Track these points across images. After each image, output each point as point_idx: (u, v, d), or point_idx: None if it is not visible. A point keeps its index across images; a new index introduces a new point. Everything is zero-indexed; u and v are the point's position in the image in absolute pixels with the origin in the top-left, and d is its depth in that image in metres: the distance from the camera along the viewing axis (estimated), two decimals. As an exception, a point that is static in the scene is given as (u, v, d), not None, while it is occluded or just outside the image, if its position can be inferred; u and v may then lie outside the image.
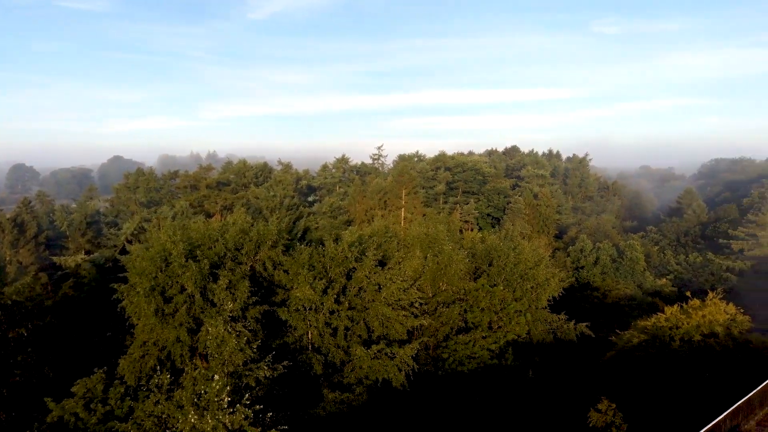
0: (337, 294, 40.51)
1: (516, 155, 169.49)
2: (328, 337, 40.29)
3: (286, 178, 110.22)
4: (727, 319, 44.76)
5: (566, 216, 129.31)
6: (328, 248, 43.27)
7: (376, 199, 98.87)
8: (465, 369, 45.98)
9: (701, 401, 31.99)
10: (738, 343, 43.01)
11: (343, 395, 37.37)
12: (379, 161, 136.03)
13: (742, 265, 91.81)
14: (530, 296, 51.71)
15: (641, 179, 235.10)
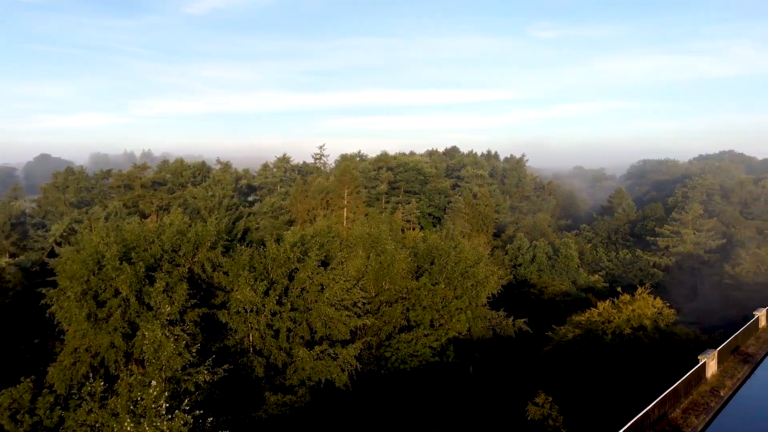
0: (279, 295, 40.06)
1: (456, 156, 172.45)
2: (269, 339, 39.79)
3: (225, 178, 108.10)
4: (655, 313, 47.07)
5: (504, 215, 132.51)
6: (269, 249, 42.70)
7: (319, 199, 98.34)
8: (407, 367, 46.43)
9: (632, 391, 33.49)
10: (664, 335, 45.33)
11: (285, 397, 37.00)
12: (321, 161, 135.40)
13: (668, 261, 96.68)
14: (470, 294, 52.74)
15: (575, 179, 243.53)
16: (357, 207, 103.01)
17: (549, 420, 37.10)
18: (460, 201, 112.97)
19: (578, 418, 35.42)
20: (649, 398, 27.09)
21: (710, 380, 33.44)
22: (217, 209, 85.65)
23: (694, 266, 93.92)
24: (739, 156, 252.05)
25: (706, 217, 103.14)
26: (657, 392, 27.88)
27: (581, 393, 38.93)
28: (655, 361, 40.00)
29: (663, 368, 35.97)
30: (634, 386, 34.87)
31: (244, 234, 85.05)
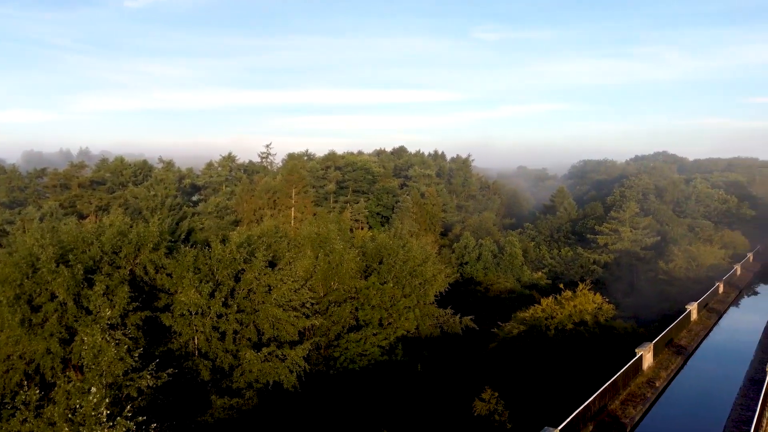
0: (225, 297, 39.29)
1: (404, 155, 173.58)
2: (215, 342, 39.00)
3: (168, 177, 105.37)
4: (595, 308, 48.78)
5: (451, 214, 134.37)
6: (214, 250, 41.83)
7: (265, 199, 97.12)
8: (356, 367, 46.43)
9: (574, 384, 34.61)
10: (604, 329, 47.04)
11: (232, 400, 36.36)
12: (268, 160, 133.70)
13: (607, 258, 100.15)
14: (419, 292, 53.24)
15: (519, 179, 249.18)
16: (305, 206, 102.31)
17: (495, 415, 37.88)
18: (408, 200, 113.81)
19: (523, 412, 36.30)
20: (590, 391, 28.07)
21: (647, 372, 34.94)
22: (160, 209, 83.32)
23: (631, 263, 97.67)
24: (672, 157, 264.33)
25: (642, 216, 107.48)
26: (598, 385, 28.93)
27: (526, 387, 39.91)
28: (595, 354, 41.45)
29: (603, 361, 37.32)
30: (577, 379, 36.04)
31: (188, 235, 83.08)
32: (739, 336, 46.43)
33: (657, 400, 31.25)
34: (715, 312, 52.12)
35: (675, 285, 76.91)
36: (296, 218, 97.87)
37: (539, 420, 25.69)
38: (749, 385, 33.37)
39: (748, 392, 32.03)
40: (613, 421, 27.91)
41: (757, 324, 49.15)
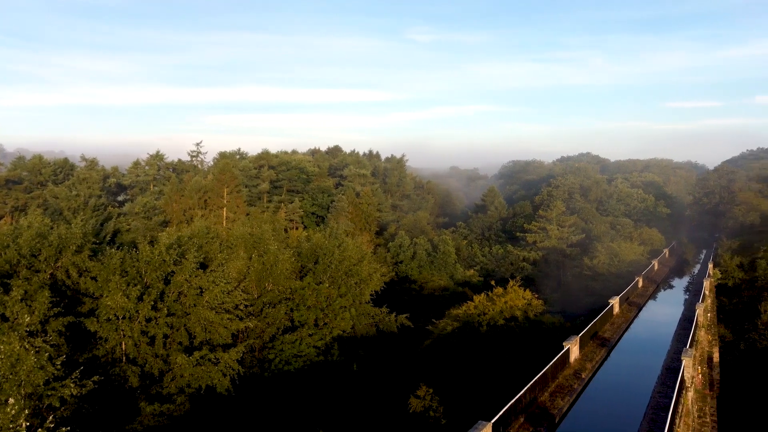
0: (154, 300, 37.95)
1: (339, 155, 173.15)
2: (144, 347, 37.61)
3: (92, 176, 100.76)
4: (525, 304, 50.41)
5: (386, 213, 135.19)
6: (142, 251, 40.32)
7: (196, 199, 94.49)
8: (292, 368, 45.98)
9: (507, 378, 35.62)
10: (534, 324, 48.71)
11: (162, 407, 35.18)
12: (198, 158, 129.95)
13: (536, 255, 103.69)
14: (354, 292, 53.32)
15: (451, 179, 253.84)
16: (237, 206, 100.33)
17: (430, 411, 38.50)
18: (344, 200, 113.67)
19: (458, 407, 37.04)
20: (521, 383, 28.96)
21: (573, 364, 36.40)
22: (83, 210, 79.56)
23: (558, 259, 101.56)
24: (595, 158, 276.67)
25: (568, 214, 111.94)
26: (528, 377, 29.88)
27: (461, 383, 40.75)
28: (526, 348, 42.84)
29: (533, 355, 38.59)
30: (509, 373, 37.12)
31: (114, 236, 79.82)
32: (657, 327, 49.09)
33: (583, 390, 32.61)
34: (635, 305, 54.91)
35: (599, 280, 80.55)
36: (228, 218, 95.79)
37: (473, 414, 26.28)
38: (666, 373, 35.40)
39: (665, 380, 33.98)
40: (543, 412, 28.92)
41: (673, 316, 52.19)
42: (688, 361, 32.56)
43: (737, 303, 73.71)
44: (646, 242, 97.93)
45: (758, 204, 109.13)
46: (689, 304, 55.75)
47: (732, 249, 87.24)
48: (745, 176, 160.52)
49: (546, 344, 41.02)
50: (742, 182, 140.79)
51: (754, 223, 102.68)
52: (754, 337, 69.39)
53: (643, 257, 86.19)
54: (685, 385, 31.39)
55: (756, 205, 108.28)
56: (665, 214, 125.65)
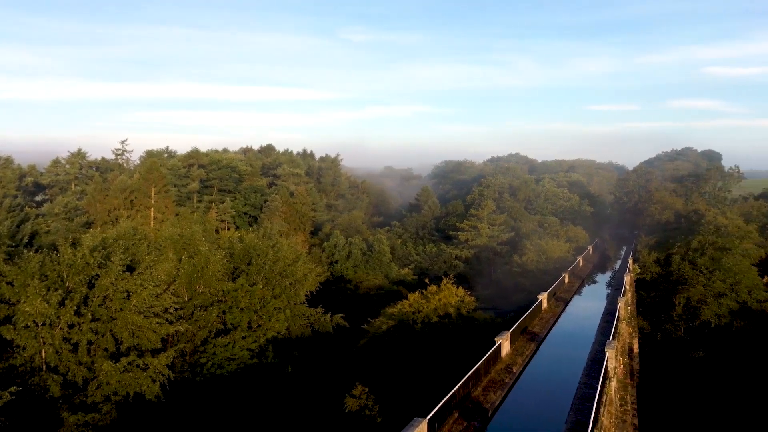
0: (77, 305, 36.13)
1: (272, 154, 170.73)
2: (67, 354, 35.74)
3: (6, 175, 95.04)
4: (458, 301, 51.44)
5: (321, 213, 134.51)
6: (64, 254, 38.32)
7: (121, 199, 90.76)
8: (225, 372, 44.94)
9: (441, 375, 36.22)
10: (466, 320, 49.80)
11: (87, 416, 33.60)
12: (124, 157, 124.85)
13: (468, 253, 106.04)
14: (289, 292, 52.72)
15: (386, 179, 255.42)
16: (166, 207, 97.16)
17: (366, 410, 38.65)
18: (277, 200, 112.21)
19: (394, 404, 37.36)
20: (456, 379, 29.53)
21: (505, 359, 37.47)
22: (-4, 211, 74.71)
23: (489, 257, 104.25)
24: (524, 158, 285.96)
25: (499, 213, 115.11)
26: (462, 373, 30.50)
27: (396, 380, 41.11)
28: (459, 344, 43.72)
29: (467, 350, 39.43)
30: (444, 369, 37.75)
31: (32, 238, 75.40)
32: (583, 321, 51.29)
33: (515, 384, 33.62)
34: (562, 300, 57.14)
35: (528, 277, 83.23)
36: (156, 219, 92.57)
37: (409, 411, 26.58)
38: (591, 364, 37.05)
39: (590, 371, 35.55)
40: (476, 407, 29.61)
41: (597, 310, 54.69)
42: (611, 352, 34.16)
43: (655, 296, 78.10)
44: (572, 240, 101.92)
45: (672, 203, 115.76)
46: (611, 298, 58.49)
47: (649, 245, 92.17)
48: (660, 176, 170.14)
49: (479, 340, 42.00)
50: (658, 182, 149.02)
51: (669, 221, 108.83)
52: (670, 328, 73.76)
53: (569, 254, 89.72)
54: (608, 375, 32.93)
55: (670, 204, 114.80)
56: (589, 212, 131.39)
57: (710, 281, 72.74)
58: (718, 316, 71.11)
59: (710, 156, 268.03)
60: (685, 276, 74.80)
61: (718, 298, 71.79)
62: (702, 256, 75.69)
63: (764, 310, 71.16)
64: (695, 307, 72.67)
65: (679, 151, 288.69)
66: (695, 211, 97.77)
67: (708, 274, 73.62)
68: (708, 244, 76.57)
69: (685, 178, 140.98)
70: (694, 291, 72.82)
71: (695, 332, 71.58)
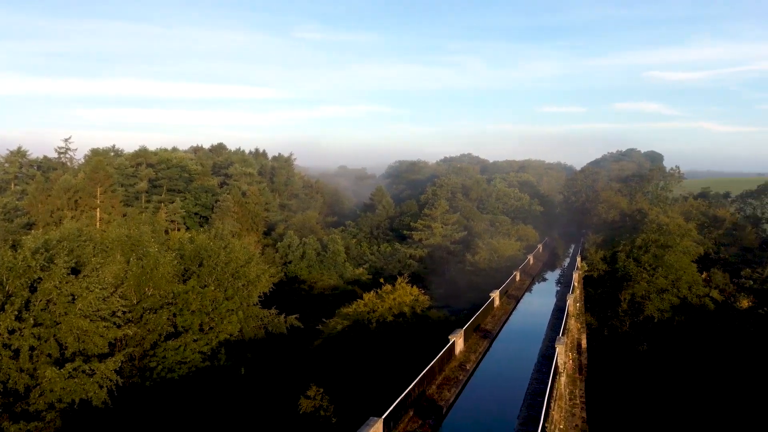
0: (18, 310, 34.64)
1: (223, 153, 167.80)
2: (7, 361, 34.21)
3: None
4: (413, 300, 51.78)
5: (274, 213, 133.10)
6: (3, 257, 36.70)
7: (65, 199, 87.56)
8: (175, 375, 43.94)
9: (396, 373, 36.39)
10: (421, 319, 50.18)
11: (29, 425, 32.31)
12: (67, 155, 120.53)
13: (422, 252, 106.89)
14: (242, 294, 51.98)
15: (340, 178, 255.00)
16: (113, 207, 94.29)
17: (320, 411, 38.50)
18: (229, 199, 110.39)
19: (349, 404, 37.34)
20: (411, 378, 29.73)
21: (459, 356, 37.95)
22: (-72, 211, 70.86)
23: (443, 256, 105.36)
24: (476, 159, 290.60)
25: (452, 213, 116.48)
26: (417, 371, 30.74)
27: (352, 381, 41.08)
28: (414, 343, 44.02)
29: (421, 349, 39.73)
30: (399, 368, 37.94)
31: (-32, 240, 71.73)
32: (533, 318, 52.43)
33: (468, 381, 34.09)
34: (513, 298, 58.27)
35: (481, 275, 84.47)
36: (103, 220, 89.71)
37: (365, 411, 26.61)
38: (542, 360, 37.94)
39: (541, 367, 36.40)
40: (431, 404, 29.90)
41: (547, 306, 56.01)
42: (561, 348, 35.06)
43: (602, 293, 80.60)
44: (523, 238, 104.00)
45: (618, 202, 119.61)
46: (561, 295, 60.00)
47: (596, 243, 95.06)
48: (606, 176, 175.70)
49: (433, 338, 42.38)
50: (604, 182, 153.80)
51: (614, 220, 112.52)
52: (616, 324, 76.31)
53: (520, 252, 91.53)
54: (558, 370, 33.79)
55: (616, 203, 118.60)
56: (539, 211, 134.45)
57: (653, 278, 75.58)
58: (660, 311, 74.02)
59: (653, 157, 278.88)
60: (629, 273, 77.47)
61: (660, 294, 74.71)
62: (645, 253, 78.53)
63: (703, 304, 74.48)
64: (639, 302, 75.44)
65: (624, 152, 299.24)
66: (639, 210, 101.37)
67: (651, 270, 76.47)
68: (651, 242, 79.48)
69: (630, 179, 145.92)
70: (639, 287, 75.54)
71: (639, 327, 74.30)
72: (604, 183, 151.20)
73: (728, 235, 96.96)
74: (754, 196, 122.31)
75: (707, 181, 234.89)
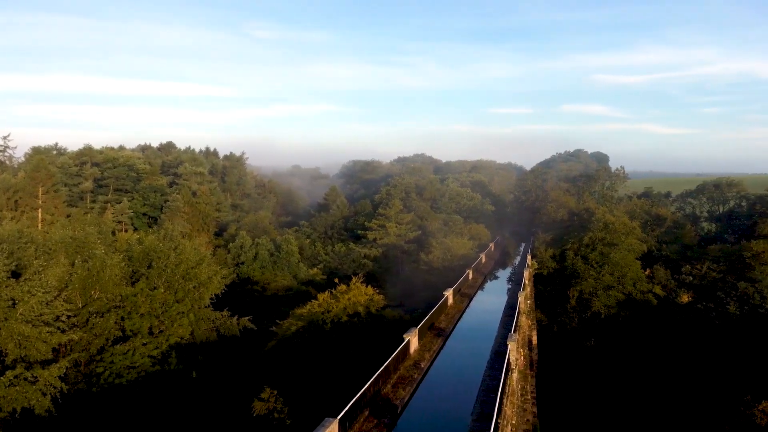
0: (-47, 316, 33.06)
1: (172, 152, 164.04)
2: (-59, 370, 32.62)
3: None
4: (367, 300, 51.87)
5: (226, 213, 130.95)
6: (-63, 260, 34.93)
7: (4, 199, 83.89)
8: (124, 381, 42.72)
9: (352, 373, 36.39)
10: (376, 318, 50.33)
11: (-34, 437, 30.82)
12: (6, 154, 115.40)
13: (376, 252, 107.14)
14: (193, 296, 50.97)
15: (294, 178, 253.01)
16: (56, 207, 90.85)
17: (275, 413, 38.14)
18: (179, 199, 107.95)
19: (304, 406, 37.13)
20: (366, 377, 29.79)
21: (413, 355, 38.24)
22: None
23: (397, 255, 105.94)
24: (429, 159, 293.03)
25: (406, 212, 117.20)
26: (372, 371, 30.82)
27: (307, 382, 40.86)
28: (369, 342, 44.12)
29: (376, 348, 39.86)
30: (354, 368, 37.96)
31: None
32: (486, 315, 53.26)
33: (423, 379, 34.38)
34: (466, 296, 59.08)
35: (434, 274, 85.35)
36: (45, 221, 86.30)
37: (320, 412, 26.51)
38: (495, 357, 38.62)
39: (494, 364, 37.05)
40: (386, 403, 30.02)
41: (499, 304, 57.03)
42: (513, 345, 35.78)
43: (551, 290, 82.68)
44: (475, 237, 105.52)
45: (566, 201, 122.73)
46: (512, 293, 61.21)
47: (546, 242, 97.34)
48: (555, 176, 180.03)
49: (388, 337, 42.57)
50: (553, 182, 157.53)
51: (563, 219, 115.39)
52: (565, 320, 78.46)
53: (473, 251, 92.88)
54: (510, 367, 34.47)
55: (564, 203, 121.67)
56: (490, 211, 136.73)
57: (600, 275, 78.02)
58: (607, 307, 76.50)
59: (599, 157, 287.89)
60: (578, 270, 79.73)
61: (607, 291, 77.20)
62: (593, 251, 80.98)
63: (647, 300, 77.37)
64: (587, 299, 77.75)
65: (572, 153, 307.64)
66: (586, 209, 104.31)
67: (598, 268, 78.93)
68: (598, 240, 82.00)
69: (578, 179, 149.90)
70: (586, 284, 77.84)
71: (587, 323, 76.59)
72: (553, 183, 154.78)
73: (669, 233, 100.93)
74: (693, 196, 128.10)
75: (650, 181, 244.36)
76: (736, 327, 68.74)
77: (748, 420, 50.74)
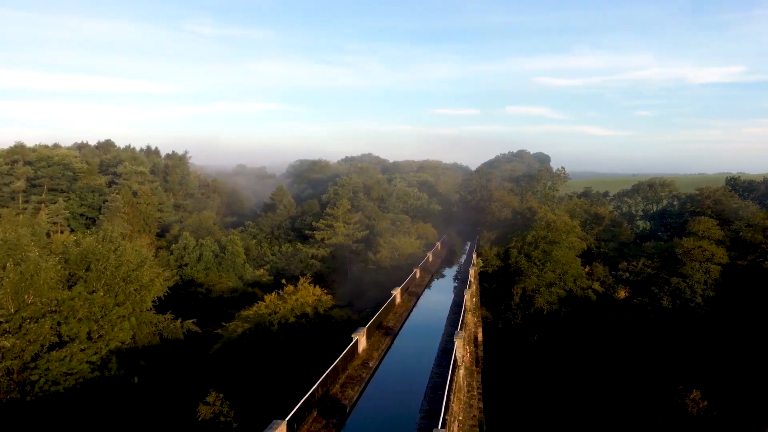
0: None
1: (111, 150, 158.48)
2: None
3: None
4: (315, 300, 51.60)
5: (168, 214, 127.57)
6: None
7: (-74, 199, 78.85)
8: (61, 388, 41.02)
9: (300, 374, 36.14)
10: (324, 318, 50.14)
11: None
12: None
13: (324, 252, 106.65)
14: (134, 299, 49.53)
15: (239, 177, 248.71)
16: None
17: (221, 417, 37.48)
18: (119, 200, 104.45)
19: (251, 409, 36.63)
20: (314, 378, 29.67)
21: (362, 354, 38.32)
22: None
23: (345, 255, 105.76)
24: (376, 158, 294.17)
25: (354, 212, 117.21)
26: (321, 371, 30.72)
27: (254, 384, 40.32)
28: (318, 343, 43.93)
29: (325, 349, 39.75)
30: (302, 369, 37.72)
31: None
32: (433, 313, 53.91)
33: (371, 378, 34.51)
34: (414, 295, 59.63)
35: (382, 273, 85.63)
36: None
37: (268, 414, 26.22)
38: (442, 355, 39.16)
39: (441, 361, 37.57)
40: (335, 404, 29.98)
41: (446, 302, 57.82)
42: (459, 342, 36.39)
43: (496, 287, 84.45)
44: (422, 236, 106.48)
45: (510, 201, 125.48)
46: (458, 291, 62.18)
47: (491, 241, 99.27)
48: (500, 176, 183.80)
49: (337, 338, 42.49)
50: (497, 182, 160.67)
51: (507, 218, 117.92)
52: (509, 317, 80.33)
53: (420, 250, 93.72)
54: (457, 364, 35.03)
55: (508, 202, 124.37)
56: (437, 210, 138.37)
57: (542, 272, 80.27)
58: (549, 303, 78.80)
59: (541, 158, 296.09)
60: (521, 268, 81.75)
61: (549, 287, 79.53)
62: (535, 249, 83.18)
63: (586, 296, 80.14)
64: (530, 296, 79.86)
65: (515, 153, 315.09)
66: (529, 208, 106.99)
67: (541, 265, 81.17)
68: (540, 239, 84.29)
69: (521, 179, 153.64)
70: (529, 281, 79.93)
71: (531, 319, 78.68)
72: (497, 183, 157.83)
73: (607, 231, 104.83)
74: (629, 195, 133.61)
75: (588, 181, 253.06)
76: (669, 320, 72.12)
77: (681, 409, 53.34)
